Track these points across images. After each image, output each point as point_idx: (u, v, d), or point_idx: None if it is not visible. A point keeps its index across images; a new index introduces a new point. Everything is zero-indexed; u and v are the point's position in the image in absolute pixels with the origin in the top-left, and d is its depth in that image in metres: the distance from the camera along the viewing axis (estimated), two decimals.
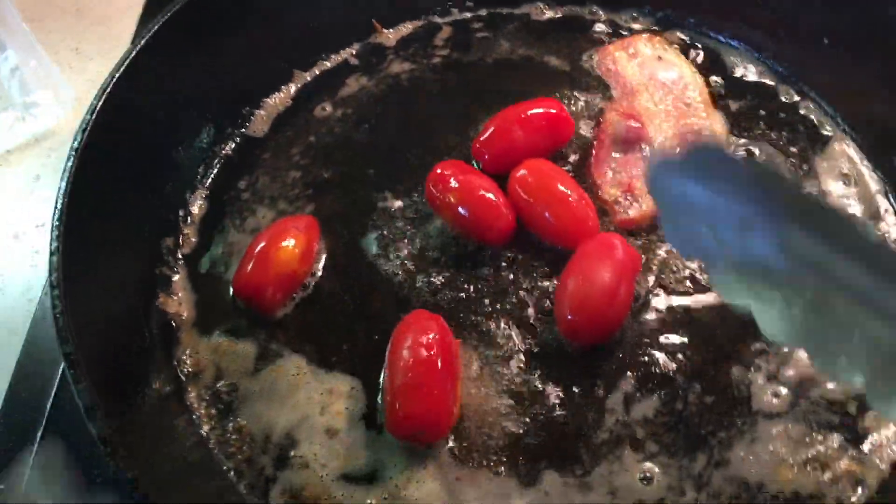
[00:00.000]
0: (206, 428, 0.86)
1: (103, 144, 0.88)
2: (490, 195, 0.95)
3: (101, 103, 0.88)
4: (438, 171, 0.96)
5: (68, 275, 0.78)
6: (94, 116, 0.87)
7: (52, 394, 0.92)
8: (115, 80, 0.91)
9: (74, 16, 1.31)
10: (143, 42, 0.95)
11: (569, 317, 0.86)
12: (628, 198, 1.00)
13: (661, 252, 0.95)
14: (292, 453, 0.83)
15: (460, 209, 0.94)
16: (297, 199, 1.02)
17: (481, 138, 1.01)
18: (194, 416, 0.86)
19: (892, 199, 0.98)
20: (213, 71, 1.05)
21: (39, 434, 0.89)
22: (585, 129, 1.06)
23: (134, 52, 0.94)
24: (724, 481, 0.81)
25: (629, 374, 0.87)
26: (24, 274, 1.03)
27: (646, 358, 0.88)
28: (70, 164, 0.84)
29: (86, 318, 0.79)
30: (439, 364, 0.81)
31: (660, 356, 0.88)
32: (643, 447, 0.82)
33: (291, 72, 1.13)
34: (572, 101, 1.09)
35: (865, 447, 0.82)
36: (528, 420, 0.84)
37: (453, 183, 0.95)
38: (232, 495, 0.81)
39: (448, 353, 0.83)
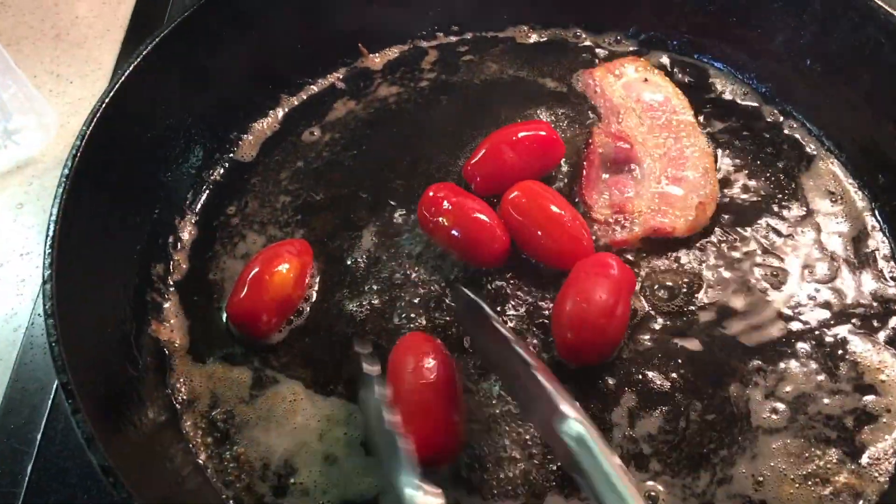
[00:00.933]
0: (203, 456, 0.84)
1: (92, 171, 0.87)
2: (483, 217, 0.94)
3: (90, 129, 0.87)
4: (430, 193, 0.96)
5: (61, 303, 0.76)
6: (83, 143, 0.86)
7: (42, 424, 0.90)
8: (104, 105, 0.89)
9: (53, 39, 1.29)
10: (131, 67, 0.94)
11: (568, 337, 0.86)
12: (619, 218, 1.00)
13: (655, 271, 0.96)
14: (292, 480, 0.82)
15: (454, 231, 0.94)
16: (287, 224, 1.01)
17: (472, 161, 1.01)
18: (191, 445, 0.85)
19: (878, 217, 1.00)
20: (201, 96, 1.04)
21: (30, 467, 0.87)
22: (574, 151, 1.07)
23: (122, 78, 0.92)
24: (727, 498, 0.81)
25: (629, 393, 0.87)
26: (10, 303, 1.01)
27: (644, 376, 0.88)
28: (61, 190, 0.82)
29: (79, 346, 0.77)
30: (444, 388, 0.80)
31: (658, 375, 0.88)
32: (647, 466, 0.82)
33: (278, 96, 1.13)
34: (560, 123, 1.10)
35: (864, 461, 0.83)
36: (529, 441, 0.84)
37: (446, 205, 0.95)
38: None
39: (450, 375, 0.82)
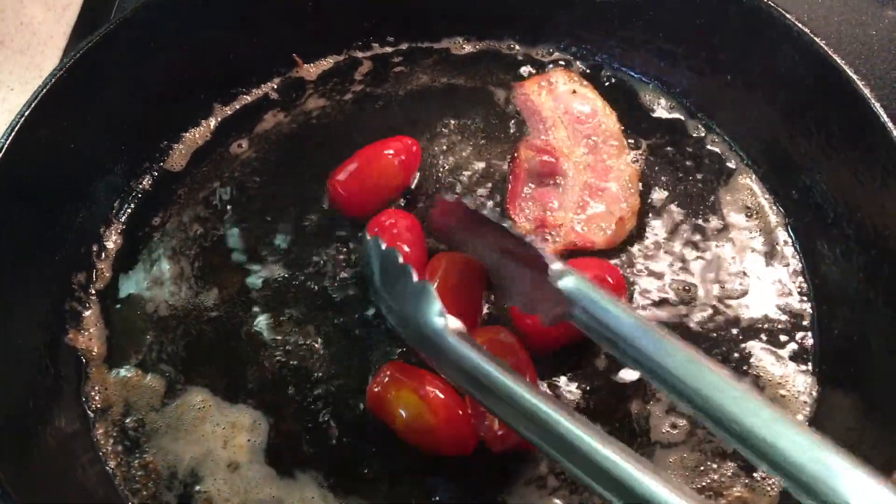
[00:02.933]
0: (112, 465, 0.86)
1: (12, 181, 0.88)
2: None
3: (8, 141, 0.88)
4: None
5: None
6: (1, 155, 0.87)
7: None
8: (24, 117, 0.90)
9: None
10: (55, 77, 0.94)
11: None
12: (541, 232, 1.02)
13: None
14: (197, 489, 0.84)
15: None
16: (207, 236, 1.03)
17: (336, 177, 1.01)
18: (100, 453, 0.86)
19: (790, 232, 1.01)
20: (131, 105, 1.05)
21: None
22: (503, 163, 1.08)
23: (45, 89, 0.93)
24: None
25: None
26: None
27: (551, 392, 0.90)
28: None
29: None
30: None
31: (562, 391, 0.90)
32: (546, 483, 0.85)
33: (211, 106, 1.14)
34: (488, 135, 1.11)
35: (757, 475, 0.85)
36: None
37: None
38: None
39: None
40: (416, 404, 0.81)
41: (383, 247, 0.83)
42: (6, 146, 0.88)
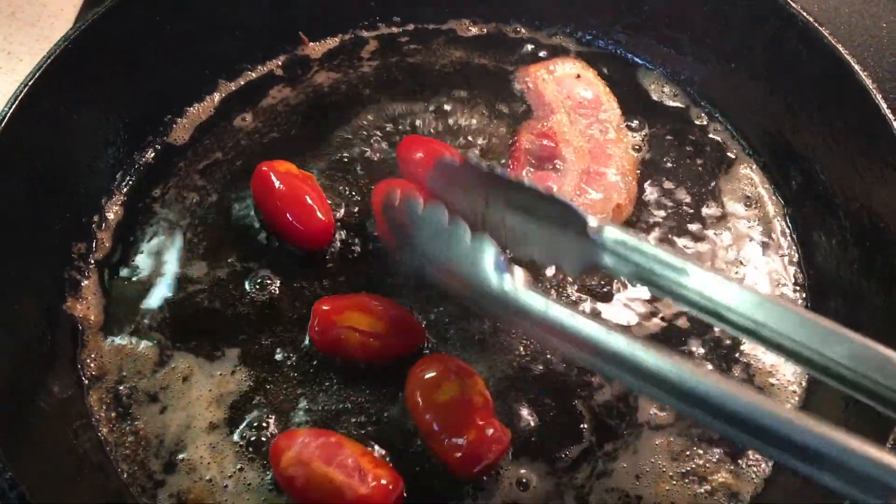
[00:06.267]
0: (104, 431, 0.87)
1: (15, 150, 0.89)
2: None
3: (11, 111, 0.89)
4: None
5: None
6: (4, 124, 0.88)
7: None
8: (27, 86, 0.92)
9: (8, 18, 1.32)
10: (60, 48, 0.96)
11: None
12: None
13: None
14: (181, 457, 0.85)
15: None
16: (197, 213, 1.03)
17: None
18: (93, 420, 0.87)
19: (788, 223, 1.01)
20: (136, 79, 1.05)
21: None
22: (503, 145, 1.08)
23: (49, 59, 0.95)
24: (605, 492, 0.83)
25: (528, 382, 0.90)
26: None
27: (542, 369, 0.91)
28: None
29: None
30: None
31: (554, 367, 0.91)
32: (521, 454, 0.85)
33: (216, 81, 1.14)
34: (489, 117, 1.11)
35: (742, 462, 0.85)
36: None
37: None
38: (125, 498, 0.83)
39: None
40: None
41: (421, 209, 0.81)
42: (9, 115, 0.89)
